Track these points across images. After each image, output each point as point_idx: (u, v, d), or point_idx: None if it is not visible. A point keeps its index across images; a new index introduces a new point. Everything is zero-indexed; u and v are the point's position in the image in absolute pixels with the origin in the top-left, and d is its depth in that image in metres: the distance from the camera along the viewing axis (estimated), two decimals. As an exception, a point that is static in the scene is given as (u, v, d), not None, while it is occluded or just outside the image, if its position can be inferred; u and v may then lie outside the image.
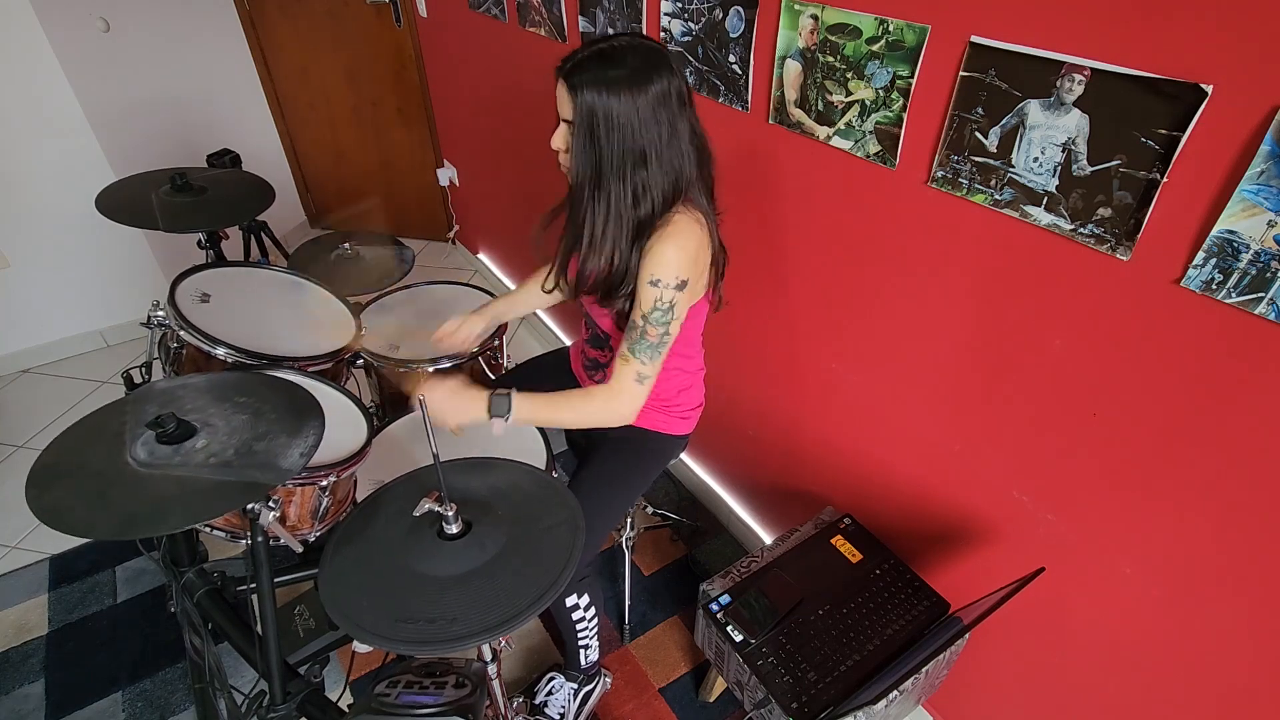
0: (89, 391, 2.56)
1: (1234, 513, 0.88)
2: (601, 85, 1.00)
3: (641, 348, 1.11)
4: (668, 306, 1.08)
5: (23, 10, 2.15)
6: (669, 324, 1.09)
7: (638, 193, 1.06)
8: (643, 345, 1.11)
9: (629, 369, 1.12)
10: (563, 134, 1.08)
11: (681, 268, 1.07)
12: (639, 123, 1.01)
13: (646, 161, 1.04)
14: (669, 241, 1.06)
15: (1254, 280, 0.77)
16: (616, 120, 1.01)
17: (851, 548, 1.42)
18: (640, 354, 1.11)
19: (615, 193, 1.06)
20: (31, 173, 2.37)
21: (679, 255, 1.07)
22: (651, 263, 1.07)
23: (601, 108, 1.00)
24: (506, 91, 2.31)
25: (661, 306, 1.08)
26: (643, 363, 1.12)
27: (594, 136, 1.02)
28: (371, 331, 1.59)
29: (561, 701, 1.54)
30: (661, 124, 1.03)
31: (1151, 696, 1.08)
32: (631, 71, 1.00)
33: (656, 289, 1.08)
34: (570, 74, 1.02)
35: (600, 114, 1.00)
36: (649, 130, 1.02)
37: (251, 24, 2.98)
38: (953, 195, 1.05)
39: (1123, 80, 0.81)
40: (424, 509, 0.88)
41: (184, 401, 0.99)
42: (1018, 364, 1.07)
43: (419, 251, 3.46)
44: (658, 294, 1.08)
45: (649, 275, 1.07)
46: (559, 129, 1.09)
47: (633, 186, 1.06)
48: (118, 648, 1.73)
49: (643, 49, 1.03)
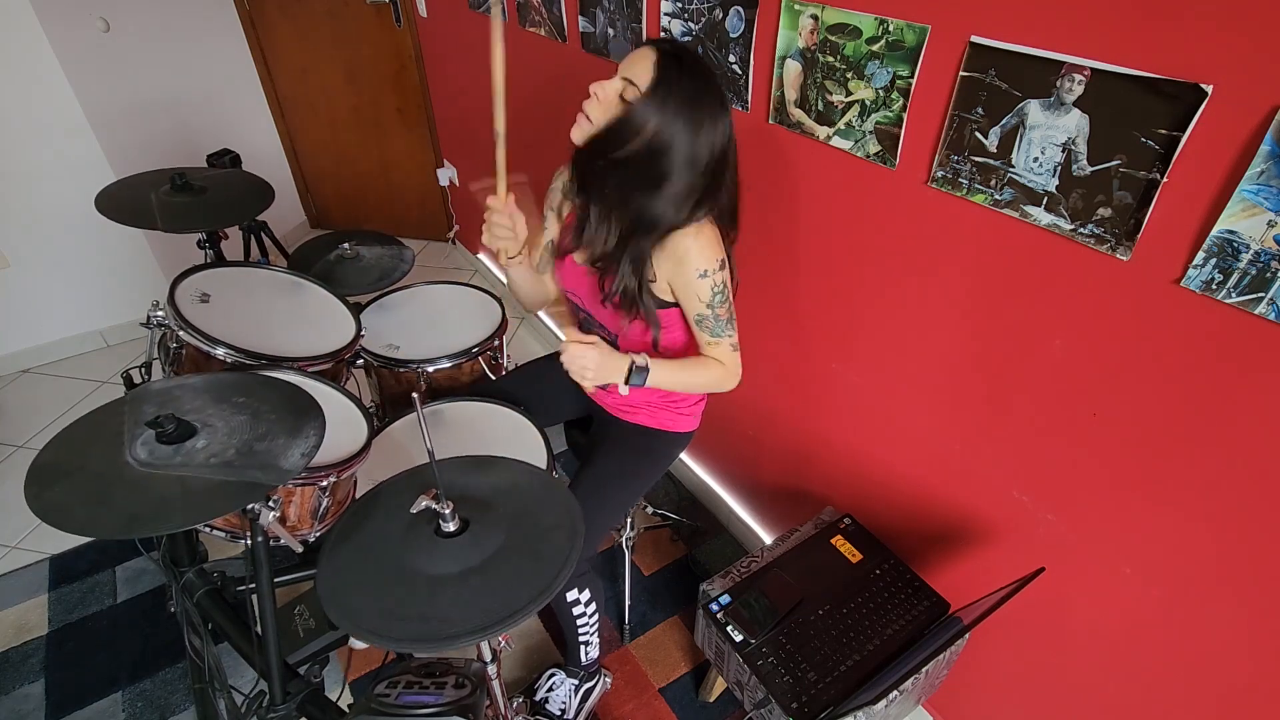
0: (89, 391, 2.56)
1: (1234, 513, 0.88)
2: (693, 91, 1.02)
3: (720, 326, 1.19)
4: (721, 287, 1.15)
5: (23, 10, 2.15)
6: (729, 299, 1.18)
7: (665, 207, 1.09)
8: (720, 325, 1.19)
9: (723, 345, 1.22)
10: (613, 89, 1.05)
11: (714, 250, 1.13)
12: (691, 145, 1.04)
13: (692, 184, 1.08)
14: (688, 237, 1.11)
15: (1254, 280, 0.77)
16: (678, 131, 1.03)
17: (851, 548, 1.42)
18: (723, 332, 1.20)
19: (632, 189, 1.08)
20: (31, 173, 2.37)
21: (705, 242, 1.12)
22: (689, 262, 1.12)
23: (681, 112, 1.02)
24: (506, 91, 2.30)
25: (717, 289, 1.15)
26: (730, 335, 1.21)
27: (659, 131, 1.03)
28: (372, 331, 1.59)
29: (562, 698, 1.54)
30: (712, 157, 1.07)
31: (1151, 696, 1.08)
32: (716, 98, 1.05)
33: (707, 279, 1.13)
34: (669, 54, 1.02)
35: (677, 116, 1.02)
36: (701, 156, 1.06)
37: (251, 24, 2.98)
38: (953, 195, 1.05)
39: (1123, 80, 0.81)
40: (421, 506, 0.88)
41: (182, 402, 0.98)
42: (1018, 364, 1.07)
43: (419, 251, 3.46)
44: (710, 282, 1.14)
45: (695, 271, 1.12)
46: (613, 82, 1.05)
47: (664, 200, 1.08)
48: (118, 648, 1.73)
49: (719, 83, 1.07)
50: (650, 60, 1.02)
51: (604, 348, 1.14)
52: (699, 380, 1.23)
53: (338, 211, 3.55)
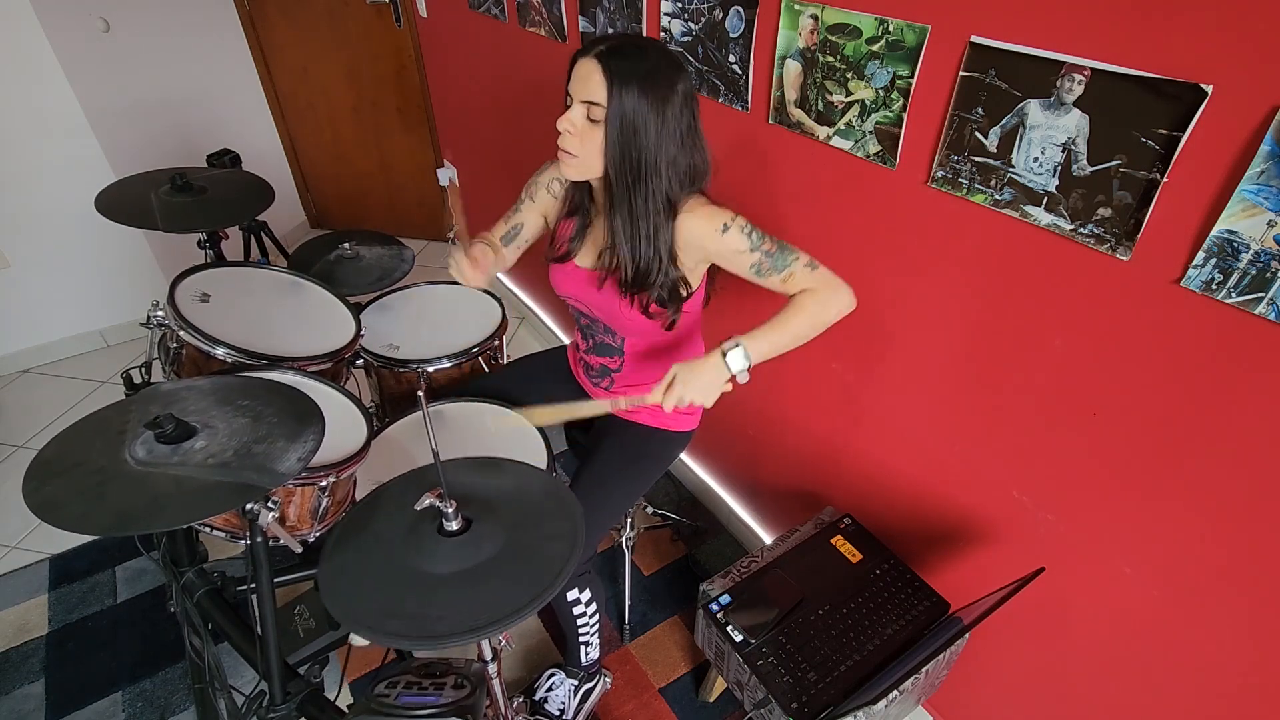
0: (89, 391, 2.56)
1: (1234, 512, 0.88)
2: (642, 77, 0.99)
3: (779, 258, 1.11)
4: (749, 227, 1.10)
5: (23, 10, 2.15)
6: (765, 234, 1.11)
7: (671, 188, 1.08)
8: (778, 257, 1.11)
9: (798, 271, 1.11)
10: (579, 116, 1.04)
11: (720, 209, 1.11)
12: (674, 120, 1.03)
13: (676, 160, 1.07)
14: (694, 208, 1.10)
15: (1254, 280, 0.77)
16: (655, 115, 1.01)
17: (851, 548, 1.42)
18: (786, 262, 1.11)
19: (656, 189, 1.07)
20: (31, 173, 2.37)
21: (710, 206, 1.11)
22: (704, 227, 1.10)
23: (643, 101, 1.00)
24: (506, 91, 2.31)
25: (746, 230, 1.10)
26: (794, 260, 1.11)
27: (639, 129, 1.02)
28: (372, 331, 1.59)
29: (562, 698, 1.54)
30: (686, 122, 1.06)
31: (1151, 696, 1.08)
32: (666, 68, 1.02)
33: (731, 227, 1.09)
34: (608, 57, 0.99)
35: (642, 107, 1.00)
36: (681, 128, 1.05)
37: (251, 24, 2.98)
38: (953, 195, 1.05)
39: (1123, 80, 0.81)
40: (425, 503, 0.89)
41: (187, 403, 0.99)
42: (1018, 364, 1.07)
43: (419, 251, 3.46)
44: (736, 228, 1.10)
45: (715, 229, 1.09)
46: (574, 110, 1.04)
47: (666, 182, 1.07)
48: (118, 648, 1.73)
49: (663, 47, 1.05)
50: (597, 73, 1.00)
51: (681, 369, 1.09)
52: (803, 321, 1.11)
53: (338, 211, 3.55)
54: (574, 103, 1.04)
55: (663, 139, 1.04)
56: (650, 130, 1.02)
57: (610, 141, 1.04)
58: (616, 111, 1.01)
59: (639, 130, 1.02)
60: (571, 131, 1.05)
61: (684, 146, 1.07)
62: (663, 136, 1.03)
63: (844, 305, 1.12)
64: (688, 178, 1.10)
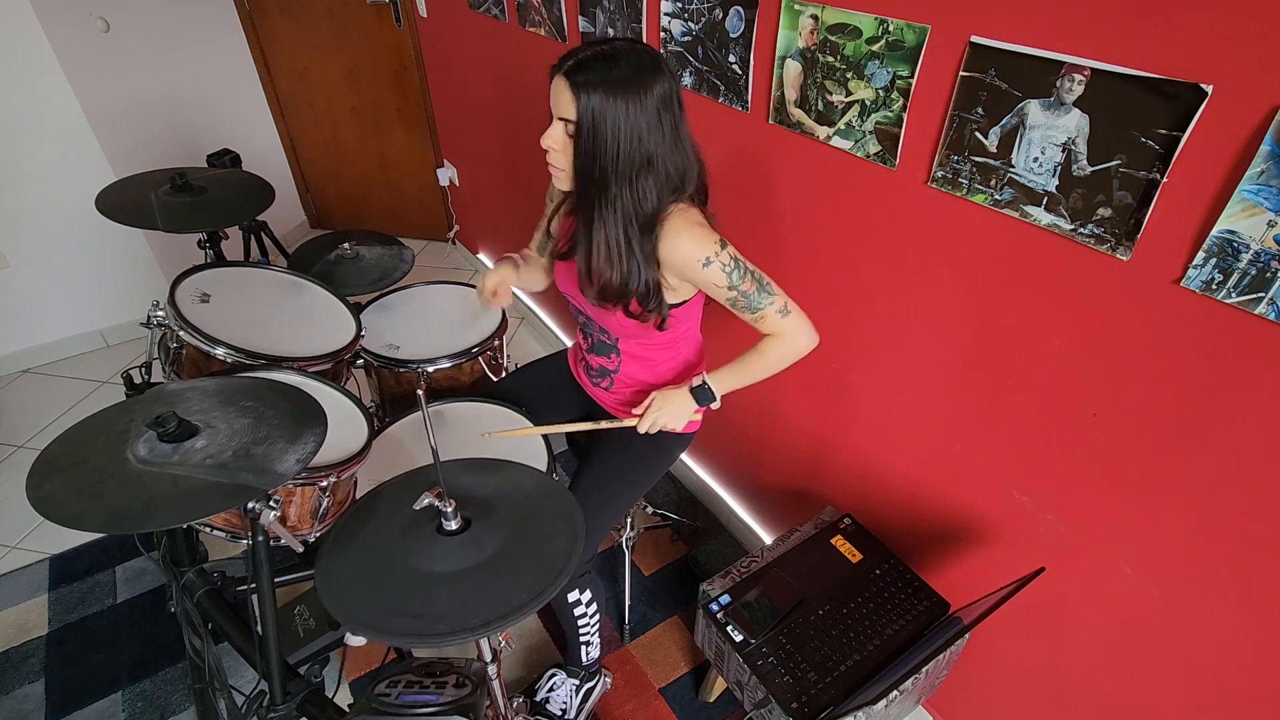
0: (89, 391, 2.56)
1: (1234, 513, 0.88)
2: (609, 85, 0.99)
3: (755, 299, 1.13)
4: (734, 263, 1.11)
5: (23, 10, 2.15)
6: (748, 270, 1.12)
7: (645, 196, 1.07)
8: (754, 297, 1.13)
9: (769, 315, 1.15)
10: (558, 133, 1.06)
11: (708, 235, 1.10)
12: (645, 125, 1.02)
13: (652, 165, 1.05)
14: (681, 229, 1.09)
15: (1254, 280, 0.77)
16: (625, 122, 1.00)
17: (851, 548, 1.42)
18: (761, 304, 1.14)
19: (625, 197, 1.06)
20: (31, 173, 2.37)
21: (697, 230, 1.09)
22: (686, 254, 1.09)
23: (609, 109, 0.99)
24: (506, 91, 2.31)
25: (729, 269, 1.10)
26: (769, 303, 1.14)
27: (600, 139, 1.01)
28: (372, 331, 1.59)
29: (563, 698, 1.54)
30: (665, 127, 1.04)
31: (1151, 696, 1.08)
32: (635, 72, 1.00)
33: (714, 263, 1.09)
34: (573, 72, 1.00)
35: (609, 116, 1.00)
36: (654, 133, 1.03)
37: (251, 24, 2.98)
38: (953, 195, 1.05)
39: (1123, 80, 0.81)
40: (424, 503, 0.88)
41: (191, 403, 0.99)
42: (1018, 364, 1.07)
43: (419, 251, 3.46)
44: (719, 264, 1.10)
45: (698, 259, 1.09)
46: (553, 128, 1.06)
47: (639, 191, 1.06)
48: (118, 648, 1.73)
49: (640, 51, 1.03)
50: (566, 90, 1.00)
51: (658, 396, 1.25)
52: (765, 364, 1.20)
53: (338, 211, 3.55)
54: (554, 119, 1.06)
55: (634, 145, 1.02)
56: (620, 138, 1.01)
57: (579, 153, 1.04)
58: (585, 124, 1.01)
59: (606, 140, 1.01)
60: (554, 148, 1.07)
61: (666, 150, 1.05)
62: (633, 143, 1.02)
63: (805, 348, 1.20)
64: (670, 183, 1.08)
